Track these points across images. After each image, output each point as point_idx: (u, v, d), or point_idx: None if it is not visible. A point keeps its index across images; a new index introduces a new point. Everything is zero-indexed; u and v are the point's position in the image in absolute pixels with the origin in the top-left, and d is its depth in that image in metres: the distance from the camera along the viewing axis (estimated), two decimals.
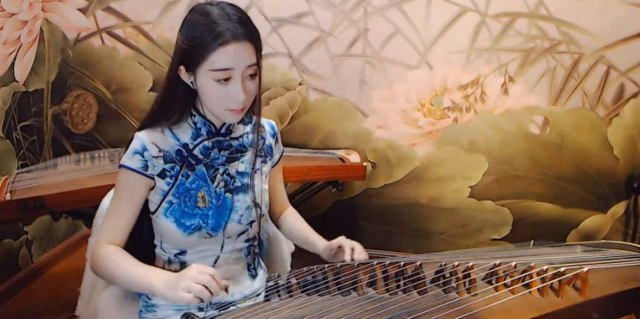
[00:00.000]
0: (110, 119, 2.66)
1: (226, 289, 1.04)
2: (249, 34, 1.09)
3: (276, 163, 1.35)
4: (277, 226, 1.44)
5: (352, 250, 1.23)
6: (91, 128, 2.70)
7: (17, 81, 2.38)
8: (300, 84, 2.44)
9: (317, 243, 1.31)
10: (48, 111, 2.61)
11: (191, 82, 1.13)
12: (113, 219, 1.18)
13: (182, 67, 1.13)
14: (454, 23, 2.25)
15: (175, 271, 1.12)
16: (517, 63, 2.25)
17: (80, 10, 2.54)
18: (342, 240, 1.26)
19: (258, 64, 1.12)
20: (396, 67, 2.35)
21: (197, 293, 1.00)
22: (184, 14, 1.15)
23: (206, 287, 1.00)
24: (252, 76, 1.12)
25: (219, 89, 1.10)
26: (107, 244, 1.16)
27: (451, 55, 2.29)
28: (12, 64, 2.34)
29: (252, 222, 1.24)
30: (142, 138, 1.16)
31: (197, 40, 1.08)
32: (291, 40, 2.39)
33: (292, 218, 1.42)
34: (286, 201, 1.45)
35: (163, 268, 1.23)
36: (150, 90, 2.58)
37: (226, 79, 1.09)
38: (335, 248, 1.25)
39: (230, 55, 1.07)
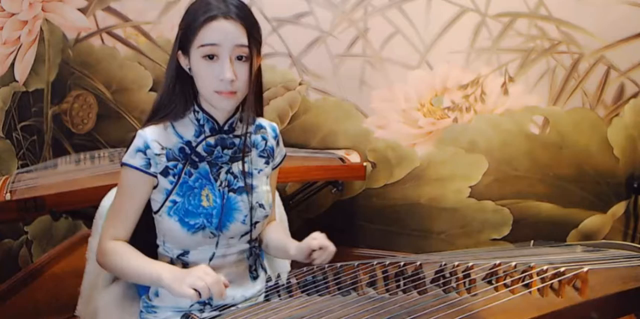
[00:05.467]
0: (110, 119, 2.66)
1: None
2: (240, 14, 1.11)
3: (277, 165, 1.35)
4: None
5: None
6: (91, 128, 2.70)
7: (17, 81, 2.38)
8: (300, 84, 2.44)
9: (289, 246, 1.24)
10: (48, 111, 2.61)
11: (189, 69, 1.15)
12: (116, 217, 1.19)
13: (179, 52, 1.15)
14: (454, 23, 2.25)
15: None
16: (517, 63, 2.25)
17: (80, 10, 2.54)
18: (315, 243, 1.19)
19: (250, 47, 1.11)
20: (396, 67, 2.35)
21: (200, 289, 1.02)
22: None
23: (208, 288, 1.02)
24: (243, 59, 1.12)
25: (207, 67, 1.11)
26: (112, 240, 1.18)
27: (451, 55, 2.29)
28: (12, 64, 2.34)
29: (256, 223, 1.24)
30: (144, 136, 1.16)
31: (189, 20, 1.11)
32: (291, 40, 2.39)
33: (269, 230, 1.34)
34: (274, 213, 1.39)
35: None
36: (150, 90, 2.58)
37: (213, 57, 1.10)
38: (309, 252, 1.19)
39: (217, 31, 1.09)
